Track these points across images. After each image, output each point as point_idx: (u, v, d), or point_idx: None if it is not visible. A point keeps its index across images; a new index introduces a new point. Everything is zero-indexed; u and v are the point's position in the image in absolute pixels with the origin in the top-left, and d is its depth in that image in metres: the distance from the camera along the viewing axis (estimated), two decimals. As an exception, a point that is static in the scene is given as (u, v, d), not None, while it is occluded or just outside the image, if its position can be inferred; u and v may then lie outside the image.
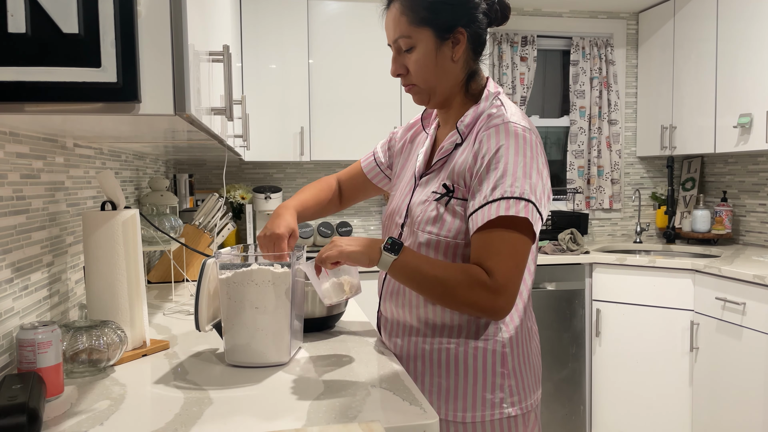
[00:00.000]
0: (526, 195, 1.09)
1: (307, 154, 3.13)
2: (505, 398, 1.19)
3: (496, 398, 1.19)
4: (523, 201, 1.09)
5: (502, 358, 1.19)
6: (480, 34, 1.22)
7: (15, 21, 0.80)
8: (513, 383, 1.20)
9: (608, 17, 3.74)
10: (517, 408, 1.20)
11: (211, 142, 1.53)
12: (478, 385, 1.19)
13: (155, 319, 1.67)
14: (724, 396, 2.64)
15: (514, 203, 1.08)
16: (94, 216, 1.26)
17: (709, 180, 3.71)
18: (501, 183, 1.10)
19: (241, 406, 1.01)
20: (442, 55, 1.20)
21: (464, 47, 1.20)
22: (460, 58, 1.21)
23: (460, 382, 1.19)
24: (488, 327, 1.19)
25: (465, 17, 1.19)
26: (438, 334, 1.22)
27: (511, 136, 1.13)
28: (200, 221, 2.28)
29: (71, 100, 0.83)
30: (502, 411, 1.19)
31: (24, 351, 1.03)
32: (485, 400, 1.18)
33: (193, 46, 0.94)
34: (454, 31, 1.19)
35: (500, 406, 1.19)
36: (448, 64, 1.21)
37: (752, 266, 2.60)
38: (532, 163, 1.12)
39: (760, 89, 2.81)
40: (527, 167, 1.11)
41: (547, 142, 3.84)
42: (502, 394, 1.19)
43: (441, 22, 1.18)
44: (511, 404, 1.19)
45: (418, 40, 1.19)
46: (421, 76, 1.22)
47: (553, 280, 3.05)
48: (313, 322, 1.49)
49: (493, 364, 1.19)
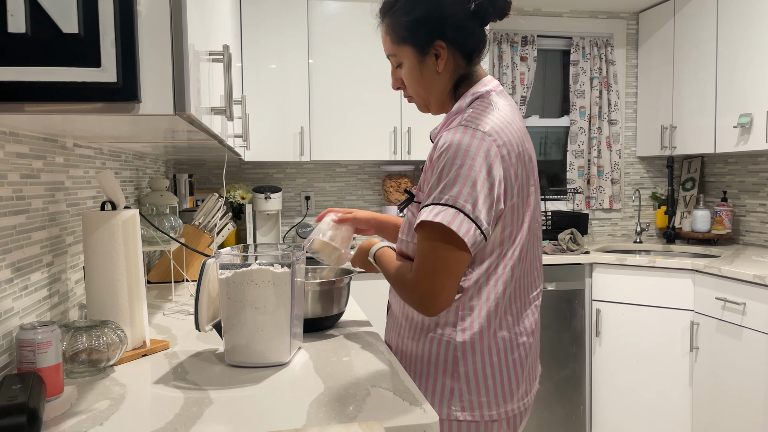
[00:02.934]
0: (458, 204, 1.08)
1: (307, 154, 3.13)
2: (454, 401, 1.18)
3: (445, 398, 1.18)
4: (454, 210, 1.08)
5: (453, 361, 1.18)
6: (464, 41, 1.20)
7: (15, 21, 0.80)
8: (465, 388, 1.18)
9: (608, 17, 3.74)
10: (468, 414, 1.17)
11: (211, 142, 1.53)
12: (429, 381, 1.20)
13: (155, 319, 1.67)
14: (724, 396, 2.64)
15: (443, 209, 1.09)
16: (94, 216, 1.26)
17: (709, 180, 3.71)
18: (438, 188, 1.11)
19: (241, 406, 1.01)
20: (426, 68, 1.22)
21: (447, 58, 1.21)
22: (445, 68, 1.22)
23: (418, 374, 1.22)
24: (446, 329, 1.19)
25: (441, 29, 1.19)
26: (414, 327, 1.25)
27: (457, 138, 1.11)
28: (200, 221, 2.28)
29: (71, 100, 0.83)
30: (450, 412, 1.18)
31: (24, 351, 1.03)
32: (434, 396, 1.19)
33: (193, 46, 0.94)
34: (433, 45, 1.20)
35: (448, 406, 1.18)
36: (434, 76, 1.23)
37: (752, 266, 2.60)
38: (476, 171, 1.09)
39: (760, 89, 2.81)
40: (469, 175, 1.09)
41: (547, 141, 3.84)
42: (451, 396, 1.18)
43: (418, 39, 1.20)
44: (461, 408, 1.17)
45: (403, 57, 1.24)
46: (413, 89, 1.26)
47: (553, 280, 3.05)
48: (313, 322, 1.49)
49: (444, 365, 1.19)
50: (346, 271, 1.65)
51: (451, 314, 1.18)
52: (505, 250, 1.17)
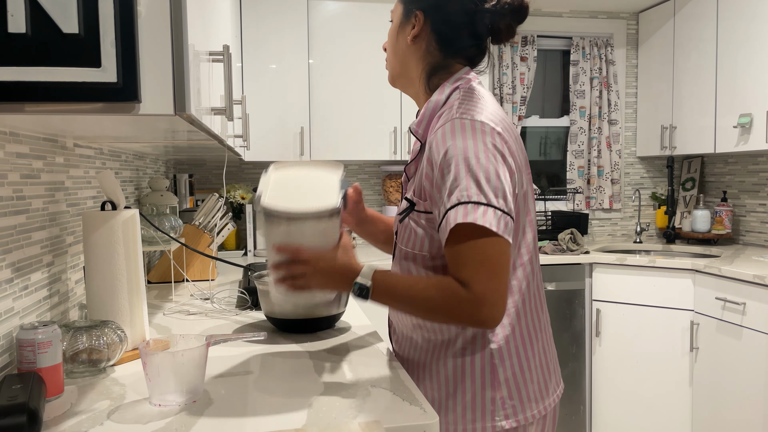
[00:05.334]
0: (480, 198, 0.99)
1: (307, 154, 3.13)
2: (497, 411, 1.11)
3: (487, 411, 1.11)
4: (480, 206, 0.99)
5: (492, 370, 1.11)
6: (445, 31, 1.14)
7: (15, 21, 0.80)
8: (506, 394, 1.11)
9: (608, 17, 3.74)
10: (512, 420, 1.11)
11: (211, 142, 1.54)
12: (466, 398, 1.12)
13: (155, 319, 1.67)
14: (724, 396, 2.64)
15: (472, 208, 0.99)
16: (94, 216, 1.26)
17: (709, 180, 3.71)
18: (455, 188, 1.01)
19: (241, 406, 1.02)
20: (402, 32, 1.19)
21: (420, 34, 1.16)
22: (415, 44, 1.16)
23: (450, 394, 1.13)
24: (475, 340, 1.11)
25: (427, 3, 1.14)
26: (432, 347, 1.16)
27: (458, 133, 1.03)
28: (200, 221, 2.28)
29: (71, 100, 0.83)
30: (495, 424, 1.10)
31: (24, 351, 1.03)
32: (475, 413, 1.11)
33: (193, 46, 0.94)
34: (415, 13, 1.16)
35: (492, 419, 1.10)
36: (403, 44, 1.18)
37: (752, 266, 2.60)
38: (487, 160, 1.01)
39: (760, 89, 2.81)
40: (481, 165, 1.01)
41: (547, 142, 3.84)
42: (493, 407, 1.11)
43: (407, 1, 1.18)
44: (504, 417, 1.11)
45: (394, 14, 1.22)
46: (388, 51, 1.23)
47: (553, 280, 3.05)
48: (313, 322, 1.49)
49: (482, 377, 1.11)
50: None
51: None
52: (519, 241, 1.12)
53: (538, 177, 3.82)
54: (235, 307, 1.81)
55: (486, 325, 1.01)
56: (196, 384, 1.04)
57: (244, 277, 2.25)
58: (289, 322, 1.49)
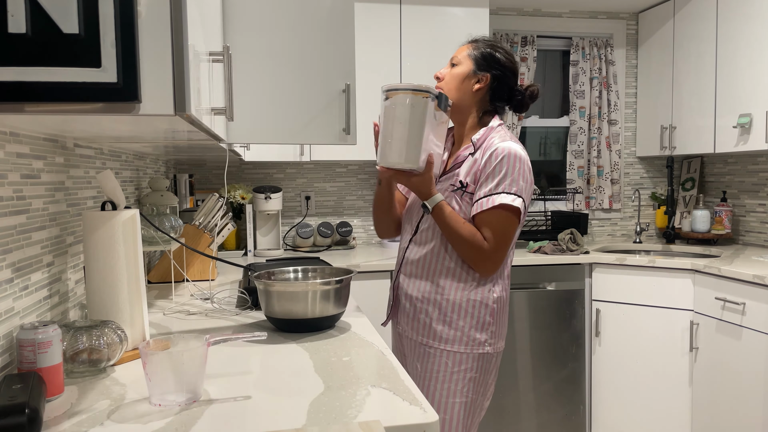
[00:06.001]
0: (519, 192, 1.60)
1: (307, 155, 3.13)
2: (488, 340, 1.67)
3: (482, 338, 1.66)
4: (517, 198, 1.60)
5: (491, 311, 1.67)
6: (499, 90, 1.72)
7: (15, 21, 0.80)
8: (495, 329, 1.68)
9: (608, 17, 3.75)
10: (491, 348, 1.67)
11: (211, 142, 1.54)
12: (473, 327, 1.65)
13: (155, 319, 1.67)
14: (723, 396, 2.64)
15: (511, 198, 1.59)
16: (94, 216, 1.26)
17: (708, 180, 3.71)
18: (503, 182, 1.60)
19: (241, 407, 1.02)
20: (468, 81, 1.71)
21: (483, 89, 1.71)
22: (476, 93, 1.71)
23: (460, 324, 1.65)
24: (484, 286, 1.66)
25: (495, 72, 1.71)
26: (446, 290, 1.66)
27: (512, 153, 1.62)
28: (200, 221, 2.28)
29: (71, 100, 0.83)
30: (483, 348, 1.66)
31: (24, 351, 1.03)
32: (475, 339, 1.65)
33: (193, 46, 0.94)
34: (485, 74, 1.70)
35: (483, 346, 1.66)
36: (468, 90, 1.71)
37: (752, 266, 2.60)
38: (522, 172, 1.62)
39: (760, 89, 2.81)
40: (519, 175, 1.61)
41: (547, 142, 3.84)
42: (486, 335, 1.66)
43: (481, 64, 1.71)
44: (490, 345, 1.67)
45: (461, 64, 1.73)
46: (449, 85, 1.72)
47: (553, 280, 3.05)
48: (313, 322, 1.49)
49: (485, 314, 1.66)
50: (347, 271, 1.65)
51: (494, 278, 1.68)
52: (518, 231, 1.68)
53: (538, 177, 3.82)
54: (235, 307, 1.81)
55: (483, 273, 1.64)
56: (196, 384, 1.04)
57: (244, 277, 2.25)
58: (289, 322, 1.49)
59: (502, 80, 1.73)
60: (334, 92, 1.53)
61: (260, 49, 1.47)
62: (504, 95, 1.74)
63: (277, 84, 1.49)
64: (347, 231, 3.36)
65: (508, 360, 3.02)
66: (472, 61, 1.71)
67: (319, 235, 3.30)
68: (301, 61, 1.50)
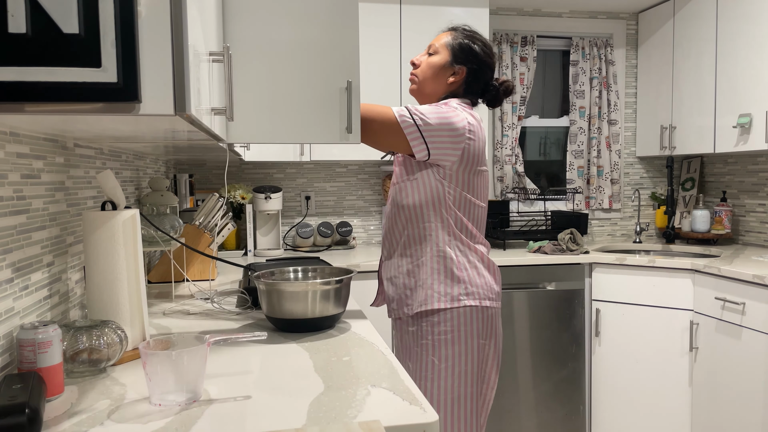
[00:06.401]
0: (418, 113, 1.60)
1: (307, 154, 3.13)
2: (462, 293, 1.65)
3: (456, 292, 1.65)
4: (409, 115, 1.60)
5: (456, 265, 1.66)
6: (474, 84, 1.74)
7: (15, 21, 0.80)
8: (468, 283, 1.66)
9: (608, 17, 3.75)
10: (471, 301, 1.66)
11: (211, 142, 1.54)
12: (442, 283, 1.65)
13: (155, 319, 1.67)
14: (723, 396, 2.64)
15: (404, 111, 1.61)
16: (94, 216, 1.26)
17: (708, 180, 3.71)
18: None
19: (241, 406, 1.02)
20: (444, 71, 1.73)
21: (459, 80, 1.73)
22: (451, 83, 1.73)
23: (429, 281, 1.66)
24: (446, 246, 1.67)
25: (472, 65, 1.72)
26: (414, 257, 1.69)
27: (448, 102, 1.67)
28: (200, 221, 2.28)
29: (71, 100, 0.83)
30: (462, 302, 1.65)
31: (24, 351, 1.03)
32: (448, 294, 1.65)
33: (193, 46, 0.94)
34: (460, 67, 1.72)
35: (459, 299, 1.65)
36: (443, 79, 1.73)
37: (752, 266, 2.60)
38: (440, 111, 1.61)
39: (760, 89, 2.81)
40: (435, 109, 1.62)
41: (547, 142, 3.84)
42: (460, 289, 1.65)
43: (458, 56, 1.72)
44: (467, 296, 1.65)
45: (440, 53, 1.73)
46: (424, 74, 1.74)
47: (553, 280, 3.05)
48: (313, 322, 1.49)
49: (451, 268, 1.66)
50: (347, 271, 1.65)
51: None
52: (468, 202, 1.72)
53: (538, 177, 3.82)
54: (235, 307, 1.81)
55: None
56: (196, 384, 1.04)
57: (244, 277, 2.25)
58: (289, 322, 1.49)
59: (478, 74, 1.73)
60: (336, 90, 1.51)
61: (260, 48, 1.47)
62: (478, 89, 1.75)
63: (278, 83, 1.48)
64: (347, 231, 3.36)
65: (508, 360, 3.02)
66: (449, 51, 1.71)
67: (319, 234, 3.30)
68: (301, 59, 1.49)
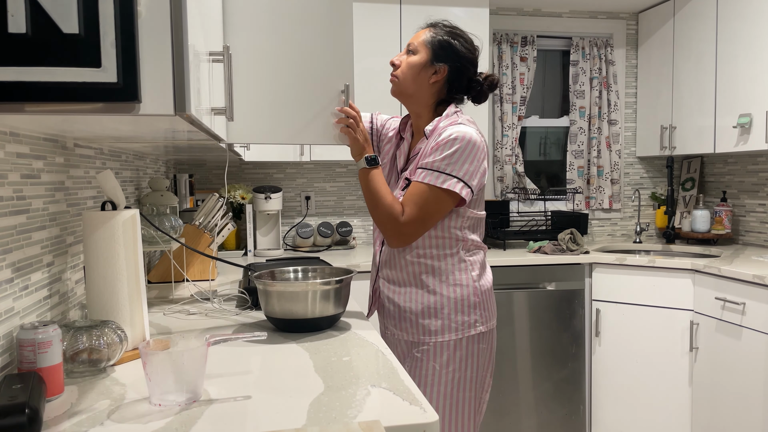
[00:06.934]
0: (465, 178, 1.57)
1: (307, 155, 3.13)
2: (478, 320, 1.66)
3: (471, 320, 1.65)
4: (454, 179, 1.56)
5: (473, 290, 1.66)
6: (457, 82, 1.68)
7: (15, 21, 0.80)
8: (483, 309, 1.67)
9: (608, 17, 3.75)
10: (483, 327, 1.67)
11: (211, 142, 1.54)
12: (460, 312, 1.64)
13: (155, 319, 1.67)
14: (723, 396, 2.64)
15: (445, 179, 1.56)
16: (94, 216, 1.26)
17: (708, 180, 3.71)
18: (449, 160, 1.56)
19: (241, 406, 1.02)
20: (425, 72, 1.66)
21: (441, 79, 1.66)
22: (433, 84, 1.67)
23: (445, 312, 1.64)
24: (464, 271, 1.66)
25: (453, 63, 1.66)
26: (429, 286, 1.65)
27: (461, 134, 1.58)
28: (200, 221, 2.28)
29: (71, 100, 0.83)
30: (476, 329, 1.66)
31: (24, 351, 1.03)
32: (465, 322, 1.65)
33: (193, 46, 0.94)
34: (441, 65, 1.65)
35: (475, 327, 1.66)
36: (425, 78, 1.67)
37: (752, 266, 2.60)
38: (471, 154, 1.58)
39: (760, 89, 2.81)
40: (469, 156, 1.57)
41: (547, 142, 3.84)
42: (476, 316, 1.66)
43: (438, 53, 1.65)
44: (482, 324, 1.67)
45: (419, 52, 1.67)
46: (404, 74, 1.68)
47: (553, 280, 3.05)
48: (313, 322, 1.49)
49: (468, 295, 1.65)
50: (347, 271, 1.65)
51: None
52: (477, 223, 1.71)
53: (537, 177, 3.82)
54: (235, 307, 1.81)
55: (391, 244, 1.62)
56: (196, 384, 1.04)
57: (244, 277, 2.25)
58: (289, 322, 1.49)
59: (460, 71, 1.67)
60: (334, 92, 1.53)
61: (260, 49, 1.47)
62: (462, 86, 1.69)
63: (277, 84, 1.49)
64: (347, 231, 3.36)
65: (508, 360, 3.02)
66: (429, 50, 1.65)
67: (319, 235, 3.30)
68: (300, 62, 1.50)
